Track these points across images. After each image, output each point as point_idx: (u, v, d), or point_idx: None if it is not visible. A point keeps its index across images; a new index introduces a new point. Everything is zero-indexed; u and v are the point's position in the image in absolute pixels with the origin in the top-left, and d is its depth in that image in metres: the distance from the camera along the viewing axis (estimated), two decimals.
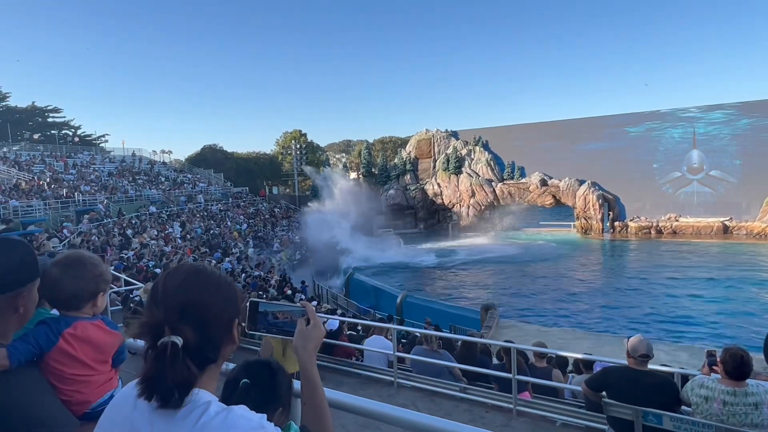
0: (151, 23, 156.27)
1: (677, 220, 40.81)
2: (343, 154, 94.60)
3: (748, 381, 3.77)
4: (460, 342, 8.50)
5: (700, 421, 3.76)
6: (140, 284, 12.40)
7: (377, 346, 8.05)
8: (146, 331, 1.11)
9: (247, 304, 1.58)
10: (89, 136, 62.02)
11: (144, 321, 1.13)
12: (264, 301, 1.59)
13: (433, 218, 52.11)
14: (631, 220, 42.55)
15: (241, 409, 1.11)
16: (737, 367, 3.75)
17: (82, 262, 2.06)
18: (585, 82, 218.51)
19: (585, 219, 43.45)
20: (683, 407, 4.14)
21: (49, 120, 59.90)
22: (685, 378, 5.03)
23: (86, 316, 2.06)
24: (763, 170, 37.59)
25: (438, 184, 49.92)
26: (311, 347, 1.49)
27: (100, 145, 59.70)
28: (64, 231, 23.27)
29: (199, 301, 1.17)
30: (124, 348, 2.19)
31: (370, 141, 78.85)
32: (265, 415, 1.13)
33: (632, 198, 42.96)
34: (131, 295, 11.47)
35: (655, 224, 41.27)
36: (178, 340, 1.08)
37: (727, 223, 38.91)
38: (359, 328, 12.40)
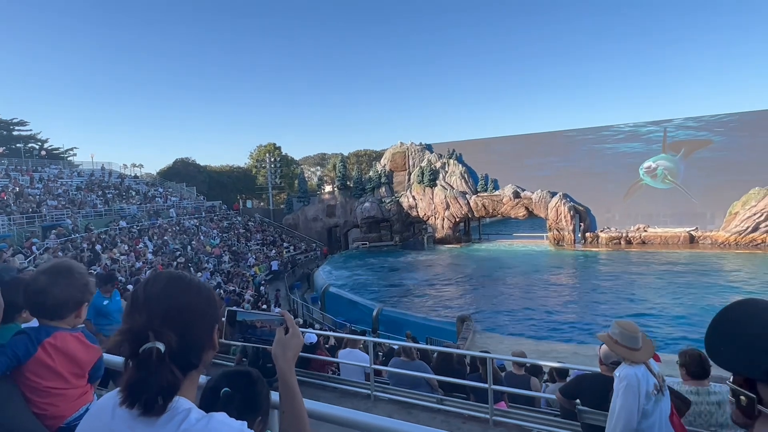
0: (121, 36, 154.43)
1: (646, 231, 41.85)
2: (318, 168, 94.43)
3: (710, 383, 3.89)
4: (436, 353, 8.51)
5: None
6: None
7: (352, 359, 8.00)
8: (127, 338, 1.11)
9: (225, 313, 1.58)
10: (57, 149, 60.53)
11: (125, 328, 1.13)
12: (242, 310, 1.60)
13: (408, 231, 52.24)
14: (601, 231, 43.44)
15: (222, 416, 1.11)
16: (700, 365, 3.89)
17: (71, 270, 2.02)
18: (556, 96, 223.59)
19: (557, 230, 44.17)
20: None
21: (15, 133, 58.27)
22: None
23: (67, 327, 2.02)
24: (726, 182, 38.98)
25: (413, 197, 50.17)
26: (290, 355, 1.49)
27: (68, 158, 58.37)
28: (33, 247, 22.58)
29: (181, 306, 1.17)
30: (101, 363, 2.15)
31: (345, 154, 79.05)
32: (245, 422, 1.13)
33: (602, 209, 43.93)
34: None
35: (624, 235, 42.22)
36: (161, 346, 1.09)
37: (692, 232, 40.09)
38: (333, 341, 12.32)
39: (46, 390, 1.91)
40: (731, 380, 0.68)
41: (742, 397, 0.62)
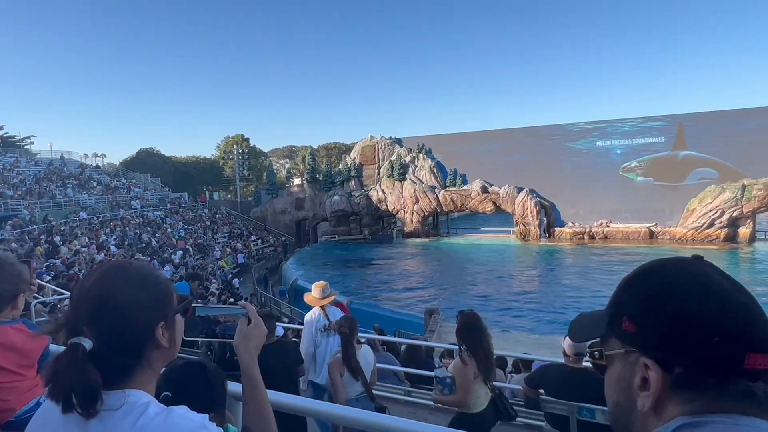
0: (82, 20, 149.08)
1: (608, 226, 42.98)
2: (287, 160, 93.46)
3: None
4: (404, 346, 8.56)
5: None
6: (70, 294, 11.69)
7: None
8: (64, 332, 1.06)
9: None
10: (12, 137, 58.04)
11: (62, 320, 1.07)
12: (201, 305, 1.56)
13: (377, 224, 52.29)
14: (565, 226, 44.43)
15: (182, 409, 1.08)
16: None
17: None
18: (525, 93, 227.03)
19: (524, 225, 44.91)
20: None
21: None
22: None
23: (5, 320, 1.93)
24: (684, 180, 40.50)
25: (382, 191, 50.18)
26: (252, 346, 1.46)
27: (25, 147, 56.05)
28: None
29: (113, 299, 1.09)
30: (49, 352, 2.07)
31: (315, 147, 78.35)
32: (206, 415, 1.10)
33: (567, 205, 44.90)
34: (60, 306, 10.78)
35: (588, 230, 43.27)
36: (86, 343, 1.02)
37: (652, 228, 41.40)
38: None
39: None
40: (589, 346, 0.93)
41: (596, 352, 0.88)
